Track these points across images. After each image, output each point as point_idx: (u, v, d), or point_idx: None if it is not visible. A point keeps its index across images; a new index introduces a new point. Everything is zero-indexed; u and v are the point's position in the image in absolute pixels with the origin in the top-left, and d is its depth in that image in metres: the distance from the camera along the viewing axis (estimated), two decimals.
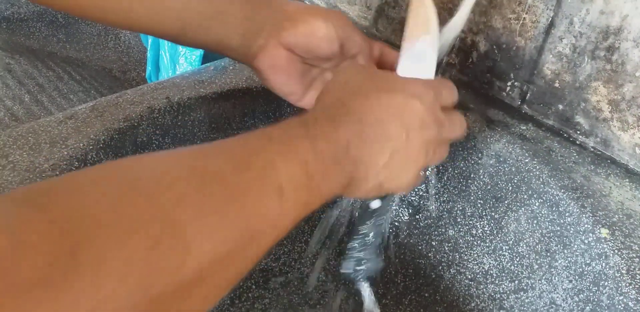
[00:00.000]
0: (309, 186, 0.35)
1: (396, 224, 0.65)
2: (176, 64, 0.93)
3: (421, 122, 0.40)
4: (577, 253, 0.49)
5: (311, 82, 0.52)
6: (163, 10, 0.45)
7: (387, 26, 0.73)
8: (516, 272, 0.55)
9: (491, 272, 0.57)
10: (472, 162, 0.59)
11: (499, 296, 0.56)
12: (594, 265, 0.47)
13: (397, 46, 0.72)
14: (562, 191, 0.52)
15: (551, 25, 0.54)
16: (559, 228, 0.51)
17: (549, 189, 0.52)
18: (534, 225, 0.54)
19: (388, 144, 0.39)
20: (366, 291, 0.50)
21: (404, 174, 0.41)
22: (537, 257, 0.53)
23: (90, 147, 0.51)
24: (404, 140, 0.40)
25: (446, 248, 0.61)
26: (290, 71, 0.50)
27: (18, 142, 0.51)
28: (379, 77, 0.43)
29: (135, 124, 0.55)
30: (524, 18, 0.56)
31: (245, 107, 0.63)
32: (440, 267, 0.61)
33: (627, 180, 0.53)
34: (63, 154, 0.50)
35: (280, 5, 0.49)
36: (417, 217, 0.64)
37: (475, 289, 0.58)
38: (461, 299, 0.59)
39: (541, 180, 0.53)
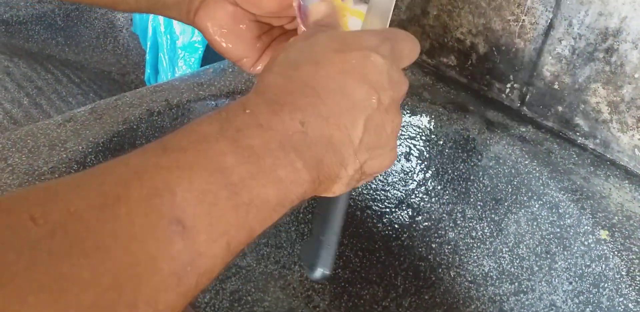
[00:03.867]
0: (234, 204, 0.26)
1: (396, 226, 0.65)
2: (175, 66, 0.93)
3: (389, 78, 0.33)
4: (577, 255, 0.49)
5: (267, 44, 0.45)
6: None
7: None
8: (516, 274, 0.55)
9: (491, 274, 0.57)
10: (472, 164, 0.59)
11: (499, 298, 0.56)
12: (594, 267, 0.47)
13: None
14: (562, 192, 0.51)
15: (550, 27, 0.54)
16: (558, 230, 0.51)
17: (549, 191, 0.52)
18: (534, 227, 0.53)
19: (359, 113, 0.31)
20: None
21: (386, 147, 0.34)
22: (537, 259, 0.53)
23: (90, 150, 0.51)
24: (376, 104, 0.32)
25: (446, 250, 0.61)
26: (239, 30, 0.43)
27: (17, 145, 0.51)
28: (327, 37, 0.34)
29: (134, 127, 0.55)
30: (523, 20, 0.56)
31: None
32: (440, 270, 0.61)
33: (626, 181, 0.53)
34: (62, 156, 0.50)
35: None
36: (417, 219, 0.64)
37: (475, 292, 0.58)
38: (461, 302, 0.59)
39: (541, 182, 0.53)
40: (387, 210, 0.66)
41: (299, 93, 0.30)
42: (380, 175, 0.66)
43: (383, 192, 0.66)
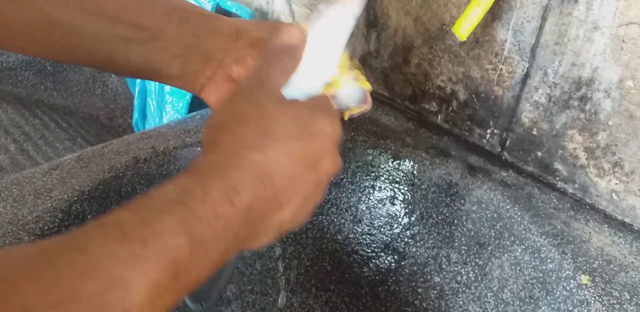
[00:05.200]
0: (179, 285, 0.27)
1: (382, 271, 0.65)
2: (163, 111, 0.94)
3: (334, 162, 0.36)
4: (559, 300, 0.49)
5: None
6: (83, 39, 0.39)
7: (370, 75, 0.75)
8: None
9: None
10: (455, 208, 0.60)
11: None
12: None
13: (380, 95, 0.75)
14: (544, 237, 0.52)
15: (527, 75, 0.56)
16: (541, 274, 0.52)
17: (531, 235, 0.53)
18: (517, 271, 0.54)
19: (301, 197, 0.34)
20: None
21: (307, 213, 0.37)
22: (521, 303, 0.53)
23: (75, 198, 0.52)
24: (314, 188, 0.35)
25: (432, 295, 0.61)
26: None
27: (2, 194, 0.51)
28: (288, 117, 0.35)
29: (120, 175, 0.56)
30: (501, 69, 0.58)
31: None
32: None
33: (606, 225, 0.54)
34: (47, 205, 0.50)
35: (229, 33, 0.43)
36: (403, 263, 0.64)
37: None
38: None
39: (523, 226, 0.54)
40: (373, 254, 0.66)
41: (257, 180, 0.32)
42: (367, 219, 0.67)
43: (369, 237, 0.66)
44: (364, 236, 0.66)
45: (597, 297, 0.46)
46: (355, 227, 0.67)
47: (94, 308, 0.24)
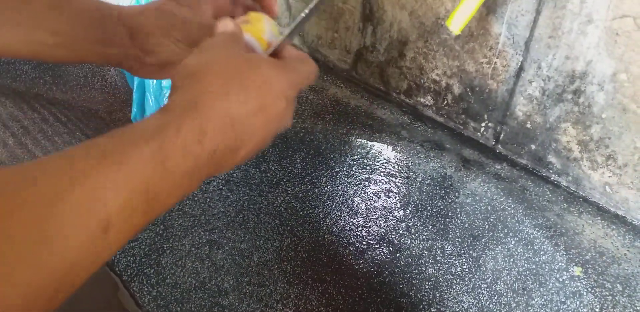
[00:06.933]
0: (149, 207, 0.32)
1: (378, 262, 0.65)
2: (161, 104, 0.94)
3: (284, 115, 0.41)
4: (552, 291, 0.50)
5: None
6: (8, 40, 0.45)
7: (366, 69, 0.75)
8: (495, 310, 0.55)
9: (470, 310, 0.57)
10: (450, 201, 0.60)
11: None
12: (568, 303, 0.48)
13: (375, 89, 0.75)
14: (537, 229, 0.53)
15: (521, 69, 0.57)
16: (534, 266, 0.52)
17: (524, 228, 0.54)
18: (511, 263, 0.54)
19: (254, 142, 0.39)
20: None
21: (257, 150, 0.41)
22: (514, 295, 0.53)
23: None
24: (265, 132, 0.40)
25: (427, 287, 0.62)
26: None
27: None
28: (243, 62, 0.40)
29: None
30: (495, 62, 0.58)
31: None
32: (421, 306, 0.62)
33: (598, 218, 0.54)
34: None
35: (129, 27, 0.50)
36: (398, 255, 0.64)
37: None
38: None
39: (516, 218, 0.54)
40: (369, 246, 0.66)
41: (222, 124, 0.36)
42: (362, 211, 0.67)
43: (365, 229, 0.67)
44: (359, 228, 0.67)
45: (589, 289, 0.47)
46: (351, 219, 0.67)
47: (77, 214, 0.28)
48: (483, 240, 0.57)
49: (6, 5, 0.44)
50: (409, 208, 0.64)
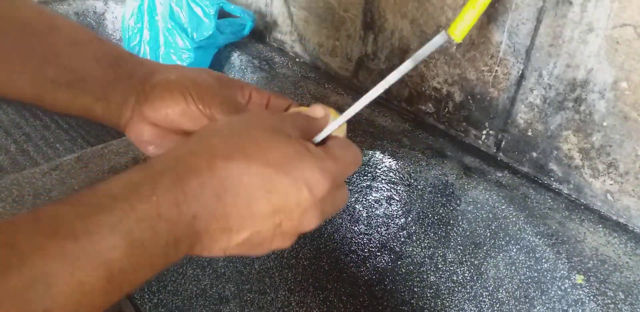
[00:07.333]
0: (112, 286, 0.26)
1: (379, 270, 0.65)
2: None
3: (302, 215, 0.32)
4: (554, 299, 0.50)
5: None
6: (14, 77, 0.40)
7: (367, 77, 0.75)
8: None
9: None
10: (451, 208, 0.60)
11: None
12: (570, 311, 0.48)
13: (377, 97, 0.75)
14: (538, 237, 0.53)
15: (522, 77, 0.57)
16: (536, 274, 0.52)
17: (526, 235, 0.54)
18: (513, 271, 0.54)
19: (251, 227, 0.32)
20: None
21: (258, 252, 0.34)
22: (516, 303, 0.53)
23: None
24: (272, 228, 0.32)
25: (428, 294, 0.61)
26: (162, 143, 0.43)
27: (1, 194, 0.51)
28: (271, 135, 0.33)
29: None
30: (496, 70, 0.59)
31: None
32: None
33: (600, 226, 0.54)
34: None
35: (144, 73, 0.43)
36: (399, 263, 0.64)
37: None
38: None
39: (517, 226, 0.54)
40: (370, 254, 0.66)
41: (210, 191, 0.30)
42: (364, 219, 0.67)
43: (366, 236, 0.67)
44: (361, 236, 0.67)
45: (591, 297, 0.47)
46: (353, 227, 0.67)
47: (13, 304, 0.23)
48: (484, 248, 0.57)
49: (21, 38, 0.40)
50: (411, 216, 0.64)
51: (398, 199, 0.65)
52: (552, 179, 0.59)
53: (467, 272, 0.59)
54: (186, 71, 0.43)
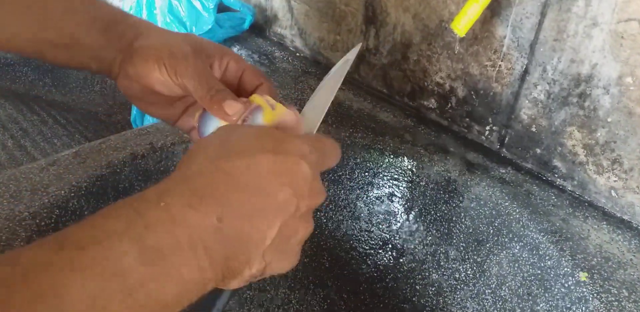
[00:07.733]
0: (127, 306, 0.24)
1: (380, 267, 0.65)
2: None
3: (311, 187, 0.33)
4: (557, 297, 0.49)
5: (183, 108, 0.47)
6: (15, 35, 0.44)
7: (369, 72, 0.74)
8: None
9: None
10: (454, 205, 0.60)
11: None
12: (574, 309, 0.47)
13: (378, 91, 0.74)
14: (542, 234, 0.52)
15: (526, 72, 0.56)
16: (539, 271, 0.52)
17: (529, 232, 0.53)
18: (516, 268, 0.54)
19: (277, 216, 0.31)
20: None
21: (291, 251, 0.33)
22: (519, 301, 0.53)
23: (72, 194, 0.51)
24: (294, 210, 0.32)
25: (430, 292, 0.61)
26: (150, 100, 0.45)
27: None
28: (264, 133, 0.34)
29: (118, 170, 0.56)
30: (500, 65, 0.58)
31: None
32: None
33: (604, 223, 0.54)
34: (44, 201, 0.50)
35: (132, 36, 0.46)
36: (401, 260, 0.64)
37: None
38: None
39: (521, 223, 0.54)
40: (372, 251, 0.66)
41: (223, 187, 0.30)
42: (365, 216, 0.66)
43: (367, 233, 0.66)
44: (362, 233, 0.66)
45: (595, 294, 0.46)
46: (354, 224, 0.67)
47: None
48: (487, 245, 0.57)
49: (21, 4, 0.44)
50: (413, 212, 0.63)
51: (400, 195, 0.64)
52: (556, 175, 0.58)
53: (470, 269, 0.58)
54: (170, 38, 0.45)
